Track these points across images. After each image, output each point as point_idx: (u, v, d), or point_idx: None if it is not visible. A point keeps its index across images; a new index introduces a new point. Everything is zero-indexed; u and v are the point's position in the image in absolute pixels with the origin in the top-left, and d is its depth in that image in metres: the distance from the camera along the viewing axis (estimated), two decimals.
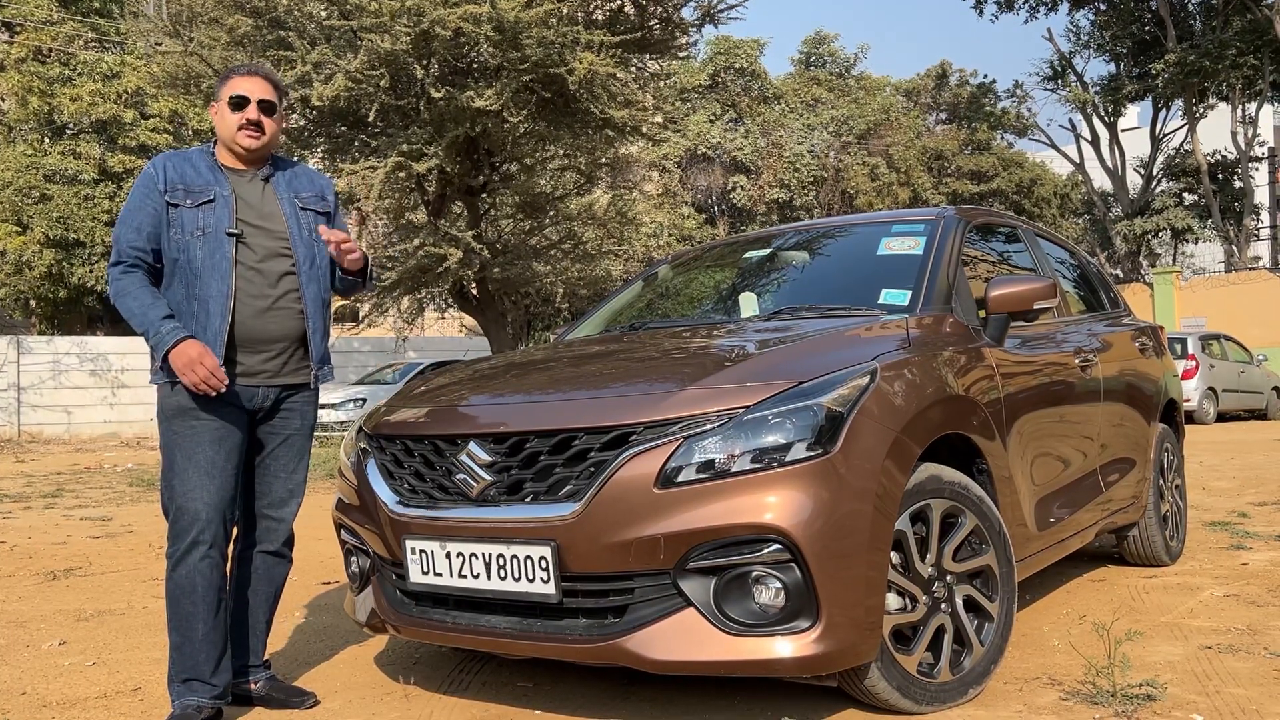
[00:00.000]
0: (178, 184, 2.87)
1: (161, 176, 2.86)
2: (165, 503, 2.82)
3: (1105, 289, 4.96)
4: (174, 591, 2.75)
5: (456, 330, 26.86)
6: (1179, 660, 3.10)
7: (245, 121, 2.90)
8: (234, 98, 2.90)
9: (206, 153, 2.98)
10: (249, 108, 2.91)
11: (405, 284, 13.30)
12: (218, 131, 2.97)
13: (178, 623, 2.76)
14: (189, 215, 2.85)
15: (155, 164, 2.91)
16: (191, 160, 2.94)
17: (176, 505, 2.77)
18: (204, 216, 2.86)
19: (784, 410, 2.46)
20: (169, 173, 2.88)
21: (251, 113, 2.91)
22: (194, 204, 2.86)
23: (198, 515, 2.75)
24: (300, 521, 7.12)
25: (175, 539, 2.77)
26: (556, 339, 4.19)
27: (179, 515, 2.77)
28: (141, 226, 2.83)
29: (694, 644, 2.40)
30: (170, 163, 2.92)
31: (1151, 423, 4.50)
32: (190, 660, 2.74)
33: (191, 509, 2.75)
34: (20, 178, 21.40)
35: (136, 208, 2.85)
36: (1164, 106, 31.26)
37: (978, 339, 3.19)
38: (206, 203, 2.87)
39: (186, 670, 2.74)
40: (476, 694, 3.02)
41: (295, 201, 3.01)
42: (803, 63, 35.17)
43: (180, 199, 2.86)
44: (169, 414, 2.81)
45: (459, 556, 2.64)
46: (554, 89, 11.52)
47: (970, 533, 2.79)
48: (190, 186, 2.88)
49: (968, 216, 3.75)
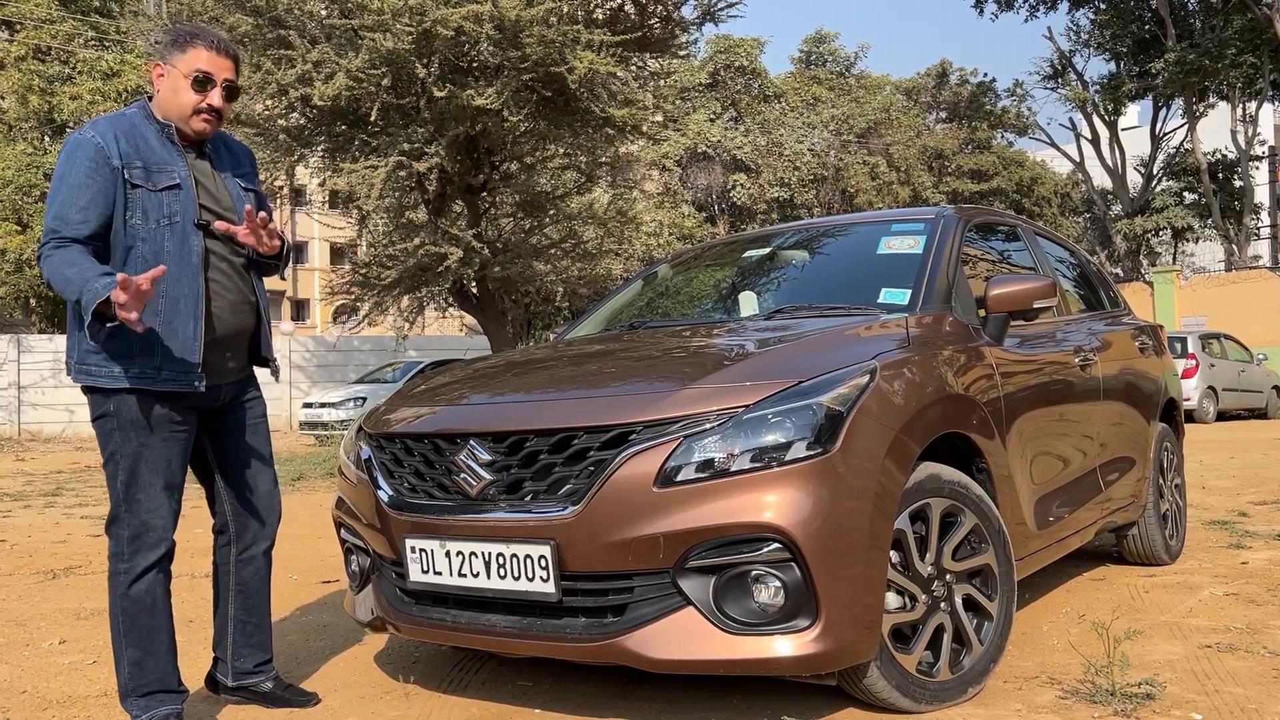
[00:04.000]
0: (135, 160, 2.54)
1: (115, 148, 2.51)
2: (121, 516, 2.59)
3: (1105, 288, 4.96)
4: (132, 608, 2.60)
5: (457, 329, 26.88)
6: (1178, 659, 3.10)
7: (207, 106, 2.61)
8: (198, 75, 2.59)
9: (150, 119, 2.63)
10: (213, 91, 2.62)
11: (405, 283, 13.31)
12: (162, 101, 2.62)
13: (137, 638, 2.61)
14: (152, 200, 2.55)
15: (100, 131, 2.52)
16: (140, 130, 2.60)
17: (140, 521, 2.58)
18: (169, 202, 2.57)
19: (783, 409, 2.46)
20: (122, 144, 2.53)
21: (216, 98, 2.63)
22: (157, 187, 2.56)
23: (165, 533, 2.62)
24: (300, 520, 7.13)
25: (135, 555, 2.59)
26: (556, 338, 4.19)
27: (143, 531, 2.59)
28: (90, 206, 2.49)
29: (693, 643, 2.40)
30: (118, 130, 2.55)
31: (1151, 422, 4.50)
32: (156, 674, 2.64)
33: (158, 525, 2.60)
34: (20, 176, 21.41)
35: (80, 184, 2.48)
36: (1164, 105, 31.30)
37: (977, 338, 3.19)
38: (171, 187, 2.58)
39: (152, 684, 2.64)
40: (476, 693, 3.03)
41: (238, 182, 2.79)
42: (803, 61, 35.20)
43: (141, 178, 2.54)
44: (130, 424, 2.56)
45: (459, 555, 2.64)
46: (554, 88, 11.53)
47: (970, 532, 2.80)
48: (149, 164, 2.56)
49: (967, 215, 3.75)
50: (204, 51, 2.59)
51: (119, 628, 2.62)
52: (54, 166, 2.62)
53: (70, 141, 2.55)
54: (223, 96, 2.64)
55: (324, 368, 23.35)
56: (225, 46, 2.64)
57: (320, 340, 24.50)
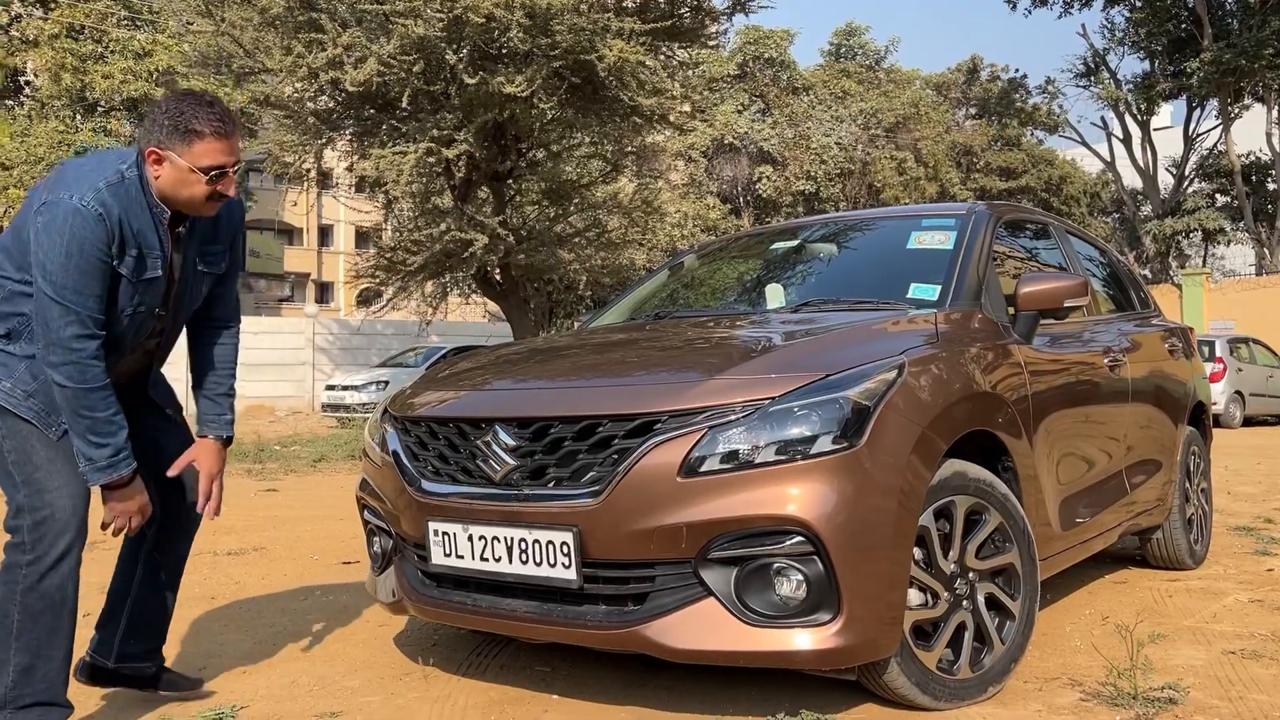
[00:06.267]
0: (130, 248, 2.37)
1: (116, 232, 2.32)
2: (20, 503, 2.36)
3: (1135, 288, 4.91)
4: (36, 606, 2.32)
5: (479, 315, 26.96)
6: (1201, 665, 3.08)
7: (219, 193, 2.43)
8: (211, 170, 2.39)
9: (143, 189, 2.41)
10: (225, 180, 2.43)
11: (430, 268, 13.36)
12: (165, 189, 2.40)
13: (31, 641, 2.32)
14: (126, 290, 2.40)
15: (105, 207, 2.30)
16: (137, 209, 2.39)
17: (46, 504, 2.34)
18: (142, 292, 2.44)
19: (810, 402, 2.45)
20: (123, 228, 2.34)
21: (228, 186, 2.44)
22: (138, 278, 2.41)
23: (71, 516, 2.37)
24: (321, 502, 7.18)
25: (40, 544, 2.33)
26: (581, 326, 4.19)
27: (48, 519, 2.34)
28: (102, 294, 2.33)
29: (714, 633, 2.40)
30: (123, 209, 2.35)
31: (1179, 425, 4.45)
32: (46, 683, 2.35)
33: (64, 508, 2.36)
34: (52, 153, 21.61)
35: (92, 269, 2.29)
36: (1198, 106, 30.88)
37: (1006, 336, 3.16)
38: (151, 279, 2.44)
39: (40, 694, 2.34)
40: (495, 676, 3.04)
41: (197, 263, 2.60)
42: (833, 54, 34.98)
43: (128, 269, 2.38)
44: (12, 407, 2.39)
45: (481, 540, 2.65)
46: (583, 76, 11.52)
47: (994, 530, 2.78)
48: (141, 252, 2.40)
49: (999, 212, 3.72)
50: (213, 143, 2.38)
51: (18, 627, 2.32)
52: (85, 145, 2.52)
53: (78, 213, 2.28)
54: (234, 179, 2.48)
55: (347, 350, 23.48)
56: (228, 125, 2.41)
57: (344, 323, 24.63)
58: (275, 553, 5.07)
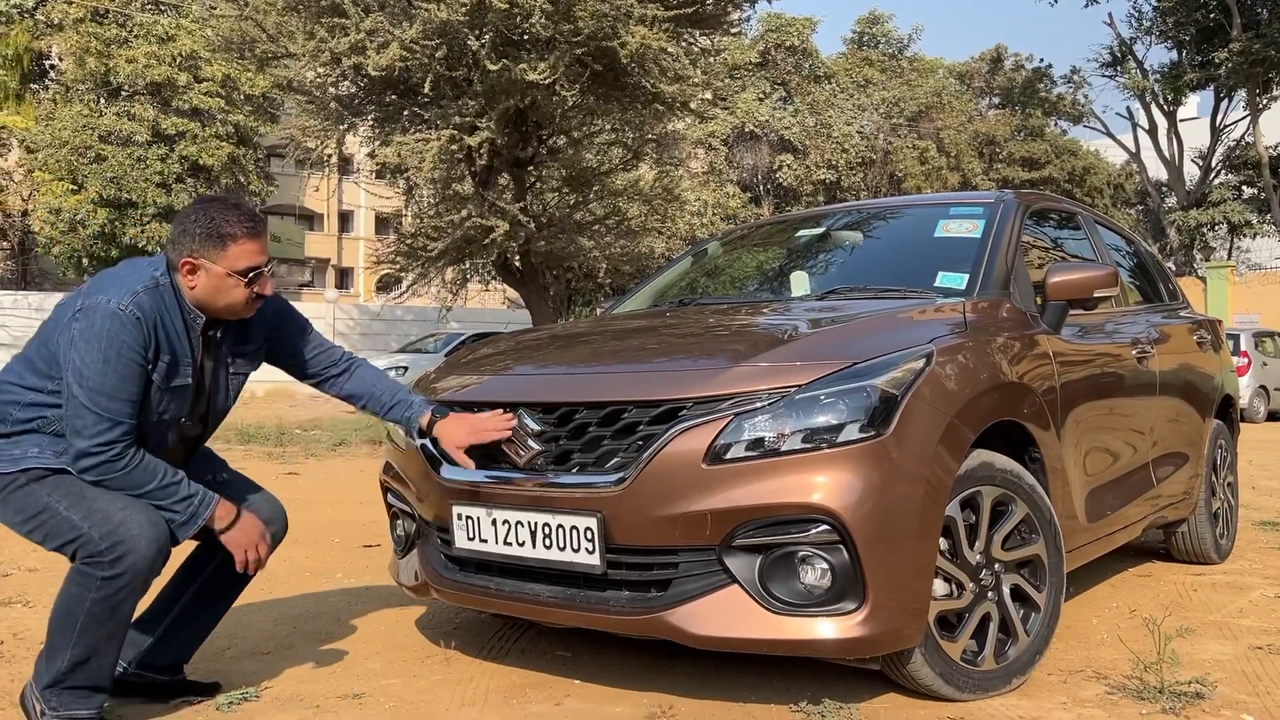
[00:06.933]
0: (164, 354, 2.38)
1: (152, 336, 2.35)
2: (89, 535, 2.30)
3: (1164, 280, 4.86)
4: (102, 613, 2.31)
5: (499, 302, 27.00)
6: (1228, 659, 3.05)
7: (258, 294, 2.48)
8: (250, 272, 2.42)
9: (176, 295, 2.43)
10: (263, 280, 2.47)
11: (450, 254, 13.36)
12: (202, 298, 2.43)
13: (91, 640, 2.33)
14: (155, 396, 2.41)
15: (142, 310, 2.33)
16: (171, 316, 2.41)
17: (117, 523, 2.30)
18: (169, 400, 2.44)
19: (837, 391, 2.43)
20: (157, 334, 2.36)
21: (265, 286, 2.48)
22: (168, 384, 2.42)
23: (150, 531, 2.32)
24: (341, 486, 7.20)
25: (119, 563, 2.28)
26: (604, 312, 4.18)
27: (123, 539, 2.29)
28: (136, 400, 2.34)
29: (737, 621, 2.39)
30: (159, 315, 2.37)
31: (1206, 418, 4.40)
32: (95, 673, 2.37)
33: (137, 522, 2.32)
34: (76, 137, 21.78)
35: (128, 375, 2.31)
36: (1226, 96, 30.51)
37: (1035, 325, 3.13)
38: (180, 387, 2.45)
39: (86, 680, 2.37)
40: (516, 660, 3.04)
41: (228, 364, 2.61)
42: (855, 42, 34.75)
43: (159, 376, 2.39)
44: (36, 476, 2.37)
45: (505, 524, 2.65)
46: (605, 62, 11.47)
47: (1020, 521, 2.75)
48: (174, 358, 2.41)
49: (1027, 200, 3.68)
50: (246, 244, 2.41)
51: (84, 624, 2.32)
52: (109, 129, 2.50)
53: (115, 316, 2.30)
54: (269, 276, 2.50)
55: (367, 336, 23.59)
56: (259, 225, 2.46)
57: (364, 308, 24.74)
58: (296, 536, 5.08)
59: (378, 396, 2.84)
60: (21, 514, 2.38)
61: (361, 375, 2.86)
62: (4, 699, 2.70)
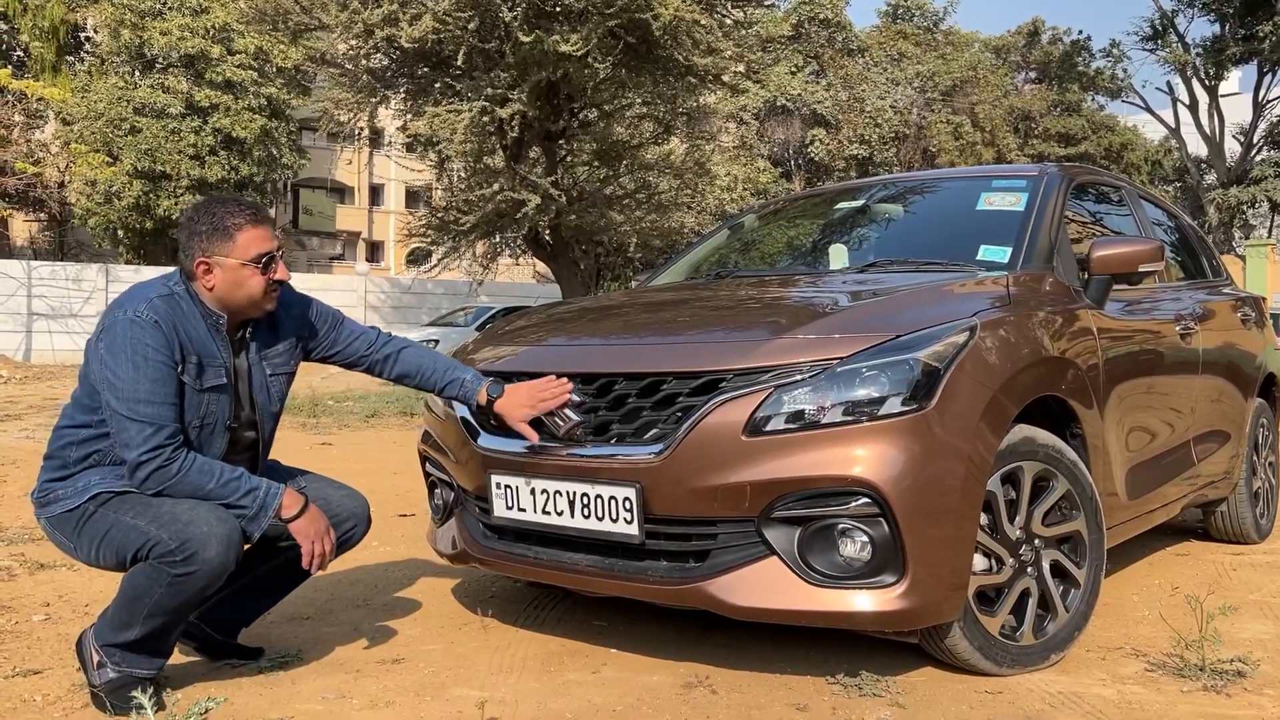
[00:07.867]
0: (191, 354, 2.41)
1: (176, 341, 2.38)
2: (161, 539, 2.32)
3: (1208, 256, 4.78)
4: (173, 602, 2.34)
5: (528, 276, 27.04)
6: (1269, 639, 3.02)
7: (275, 281, 2.50)
8: (263, 258, 2.45)
9: (194, 301, 2.46)
10: (276, 265, 2.49)
11: (481, 228, 13.40)
12: (223, 295, 2.45)
13: (160, 620, 2.37)
14: (194, 399, 2.42)
15: (161, 317, 2.36)
16: (192, 320, 2.44)
17: (186, 521, 2.32)
18: (208, 403, 2.46)
19: (879, 363, 2.42)
20: (179, 334, 2.39)
21: (281, 271, 2.51)
22: (203, 386, 2.44)
23: (220, 528, 2.34)
24: (374, 457, 7.27)
25: (192, 560, 2.30)
26: (640, 284, 4.17)
27: (192, 537, 2.31)
28: (175, 403, 2.37)
29: (775, 592, 2.40)
30: (175, 319, 2.40)
31: (1249, 397, 4.34)
32: (161, 642, 2.44)
33: (206, 519, 2.34)
34: (111, 109, 21.97)
35: (162, 378, 2.34)
36: (1269, 71, 29.86)
37: (1078, 300, 3.09)
38: (215, 388, 2.47)
39: (155, 649, 2.43)
40: (553, 629, 3.07)
41: (265, 369, 2.62)
42: (889, 15, 34.30)
43: (191, 377, 2.41)
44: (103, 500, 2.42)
45: (544, 494, 2.66)
46: (638, 34, 11.41)
47: (1061, 497, 2.73)
48: (202, 359, 2.44)
49: (1071, 174, 3.62)
50: (252, 231, 2.45)
51: (161, 601, 2.36)
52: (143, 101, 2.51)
53: (134, 323, 2.35)
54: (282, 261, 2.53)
55: (398, 309, 23.72)
56: (259, 212, 2.50)
57: (395, 281, 24.87)
58: None
59: (428, 376, 2.85)
60: (94, 539, 2.41)
61: (407, 357, 2.87)
62: (54, 659, 2.76)
